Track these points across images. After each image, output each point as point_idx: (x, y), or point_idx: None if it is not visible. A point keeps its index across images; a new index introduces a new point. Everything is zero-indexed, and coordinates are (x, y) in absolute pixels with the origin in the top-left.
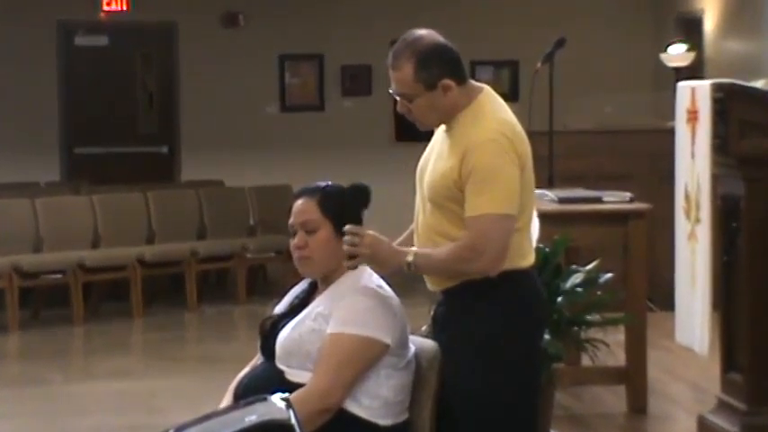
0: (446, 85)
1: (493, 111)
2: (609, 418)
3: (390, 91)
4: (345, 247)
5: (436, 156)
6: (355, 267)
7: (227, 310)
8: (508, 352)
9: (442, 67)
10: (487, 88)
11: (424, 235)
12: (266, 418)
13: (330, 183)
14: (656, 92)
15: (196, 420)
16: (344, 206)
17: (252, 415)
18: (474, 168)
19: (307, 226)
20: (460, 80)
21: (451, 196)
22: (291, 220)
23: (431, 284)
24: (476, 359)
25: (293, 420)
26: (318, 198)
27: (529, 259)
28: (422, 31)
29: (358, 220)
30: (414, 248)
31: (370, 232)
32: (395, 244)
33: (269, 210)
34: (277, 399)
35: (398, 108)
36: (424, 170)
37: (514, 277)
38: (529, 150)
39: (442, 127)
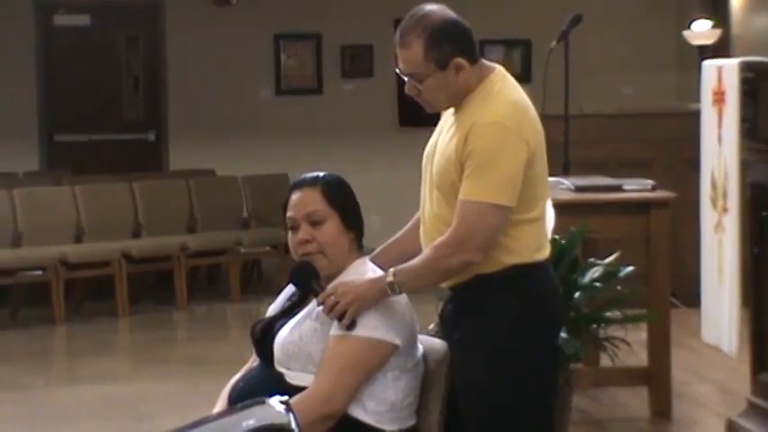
0: (458, 64)
1: (503, 91)
2: (630, 423)
3: (398, 71)
4: (331, 315)
5: (443, 140)
6: (354, 325)
7: (219, 309)
8: (522, 351)
9: (454, 45)
10: (499, 68)
11: (431, 225)
12: (265, 422)
13: (326, 172)
14: (680, 72)
15: (189, 426)
16: (348, 195)
17: (250, 419)
18: (474, 150)
19: (312, 217)
20: (473, 59)
21: (457, 181)
22: (291, 213)
23: None
24: (488, 359)
25: (293, 425)
26: (321, 187)
27: (544, 252)
28: (432, 6)
29: (359, 213)
30: (391, 269)
31: (337, 287)
32: (390, 241)
33: (264, 201)
34: (276, 402)
35: (407, 89)
36: (430, 156)
37: (528, 271)
38: (541, 136)
39: (450, 110)
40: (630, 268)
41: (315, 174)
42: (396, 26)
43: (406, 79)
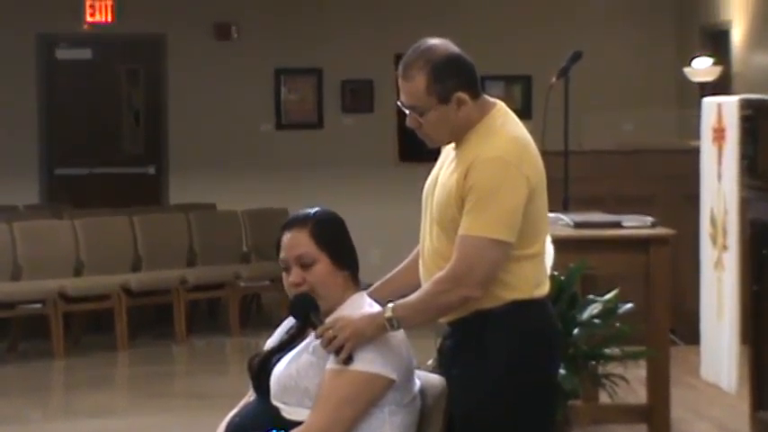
0: (460, 99)
1: (504, 127)
2: None
3: (399, 103)
4: (329, 349)
5: (444, 175)
6: (351, 359)
7: (218, 343)
8: (521, 387)
9: (456, 80)
10: (501, 103)
11: (430, 260)
12: None
13: (319, 209)
14: (680, 109)
15: None
16: (339, 233)
17: None
18: (474, 185)
19: (302, 260)
20: (475, 94)
21: (457, 216)
22: (283, 255)
23: None
24: (486, 395)
25: None
26: (311, 228)
27: (543, 288)
28: (435, 41)
29: (352, 249)
30: (389, 304)
31: (333, 316)
32: (389, 276)
33: (263, 235)
34: None
35: (408, 122)
36: (430, 191)
37: (528, 308)
38: (542, 172)
39: (451, 144)
40: (630, 305)
41: (305, 212)
42: (397, 61)
43: (407, 112)
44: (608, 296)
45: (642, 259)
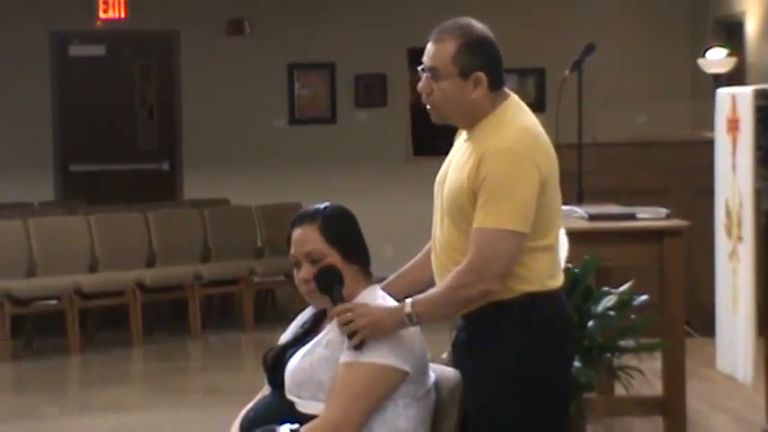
0: (478, 79)
1: (515, 117)
2: None
3: (420, 68)
4: (342, 328)
5: (454, 167)
6: (362, 346)
7: (233, 338)
8: (536, 381)
9: (483, 60)
10: (513, 96)
11: (442, 252)
12: None
13: (328, 204)
14: (694, 100)
15: None
16: (348, 228)
17: None
18: (487, 177)
19: (312, 256)
20: (495, 83)
21: (468, 208)
22: (293, 251)
23: None
24: (501, 388)
25: None
26: (320, 224)
27: (557, 280)
28: (476, 21)
29: (362, 244)
30: (408, 299)
31: (356, 306)
32: (402, 270)
33: (277, 230)
34: (286, 430)
35: (419, 86)
36: (441, 182)
37: (542, 300)
38: (554, 162)
39: (463, 136)
40: (644, 297)
41: (315, 208)
42: (410, 56)
43: (423, 75)
44: (622, 288)
45: (657, 251)
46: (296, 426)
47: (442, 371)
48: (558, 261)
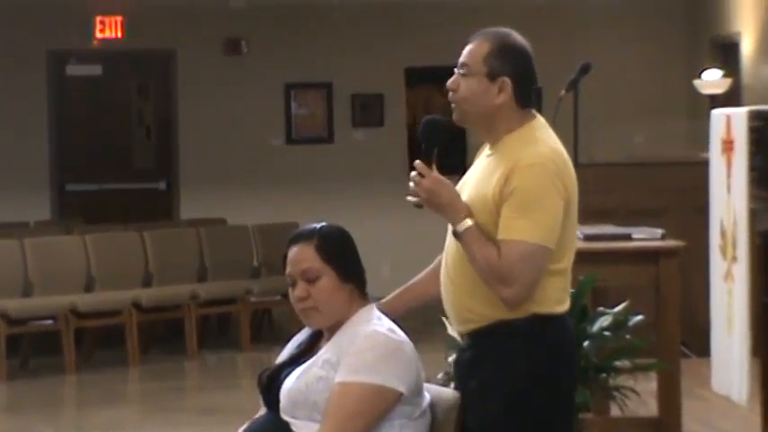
0: (505, 84)
1: (544, 137)
2: None
3: (457, 69)
4: (412, 188)
5: (476, 181)
6: (420, 206)
7: (229, 358)
8: (538, 401)
9: (513, 68)
10: (541, 117)
11: (453, 268)
12: None
13: (324, 223)
14: (690, 121)
15: None
16: (344, 247)
17: None
18: (516, 189)
19: (307, 275)
20: (522, 98)
21: (488, 223)
22: (289, 270)
23: (457, 325)
24: (505, 407)
25: None
26: (316, 243)
27: (565, 305)
28: (519, 35)
29: (358, 263)
30: (471, 221)
31: (434, 174)
32: (408, 285)
33: (274, 250)
34: None
35: (449, 82)
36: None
37: (549, 322)
38: (576, 189)
39: (485, 152)
40: (640, 317)
41: (311, 227)
42: (407, 75)
43: (456, 72)
44: (618, 308)
45: (652, 271)
46: None
47: (438, 391)
48: (569, 286)
